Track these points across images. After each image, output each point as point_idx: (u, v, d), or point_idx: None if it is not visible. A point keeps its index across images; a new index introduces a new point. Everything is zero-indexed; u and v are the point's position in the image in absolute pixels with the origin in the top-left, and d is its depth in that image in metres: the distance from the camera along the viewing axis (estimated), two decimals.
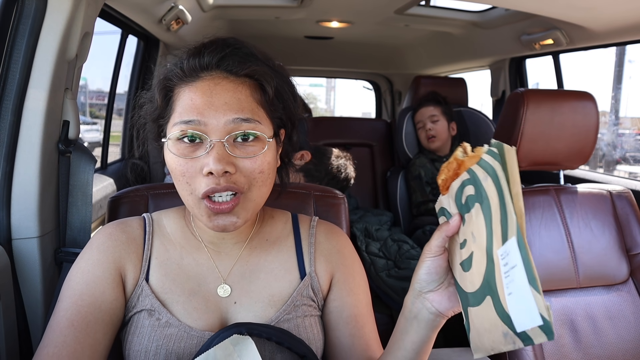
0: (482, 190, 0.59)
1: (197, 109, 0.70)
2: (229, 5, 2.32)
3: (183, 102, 0.71)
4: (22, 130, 1.08)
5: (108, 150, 2.16)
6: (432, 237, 0.67)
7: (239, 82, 0.72)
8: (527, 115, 1.38)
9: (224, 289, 0.80)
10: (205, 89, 0.71)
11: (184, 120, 0.70)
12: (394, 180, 2.73)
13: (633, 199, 1.50)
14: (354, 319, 0.84)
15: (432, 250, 0.67)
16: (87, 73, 13.46)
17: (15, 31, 1.06)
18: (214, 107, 0.69)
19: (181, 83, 0.73)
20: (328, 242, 0.88)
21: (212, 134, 0.69)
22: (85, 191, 1.20)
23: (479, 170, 0.60)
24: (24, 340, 1.10)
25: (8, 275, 1.04)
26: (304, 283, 0.83)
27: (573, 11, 1.74)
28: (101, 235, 0.81)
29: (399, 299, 2.04)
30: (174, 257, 0.81)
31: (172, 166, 0.72)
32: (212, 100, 0.70)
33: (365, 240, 2.22)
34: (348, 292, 0.86)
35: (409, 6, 2.25)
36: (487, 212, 0.58)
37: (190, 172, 0.70)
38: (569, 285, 1.37)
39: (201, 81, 0.72)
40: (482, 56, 2.87)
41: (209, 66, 0.72)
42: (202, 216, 0.72)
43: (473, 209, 0.61)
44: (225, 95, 0.70)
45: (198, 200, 0.71)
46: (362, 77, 4.47)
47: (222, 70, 0.72)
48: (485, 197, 0.59)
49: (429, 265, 0.67)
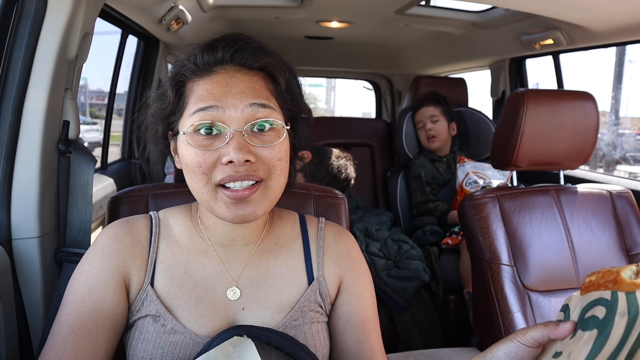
0: (609, 322, 0.51)
1: (213, 96, 0.70)
2: (229, 5, 2.32)
3: (198, 93, 0.72)
4: (22, 130, 1.08)
5: (108, 150, 2.16)
6: (534, 326, 0.59)
7: (253, 74, 0.74)
8: (527, 115, 1.38)
9: (234, 291, 0.79)
10: (220, 81, 0.72)
11: (201, 107, 0.70)
12: (394, 180, 2.74)
13: (633, 199, 1.50)
14: (362, 324, 0.83)
15: (525, 338, 0.58)
16: (87, 73, 13.46)
17: (15, 31, 1.06)
18: (230, 95, 0.70)
19: (194, 77, 0.74)
20: (336, 246, 0.86)
21: (231, 123, 0.70)
22: (85, 191, 1.20)
23: (623, 301, 0.51)
24: (24, 340, 1.10)
25: (8, 275, 1.04)
26: (312, 288, 0.81)
27: (573, 11, 1.74)
28: (106, 237, 0.80)
29: (399, 299, 2.04)
30: (180, 261, 0.80)
31: (188, 158, 0.71)
32: (228, 89, 0.71)
33: (365, 240, 2.22)
34: (357, 297, 0.84)
35: (409, 6, 2.25)
36: (597, 346, 0.51)
37: (207, 162, 0.70)
38: (569, 285, 1.37)
39: (215, 74, 0.73)
40: (482, 56, 2.87)
41: (222, 60, 0.73)
42: (220, 207, 0.71)
43: (588, 332, 0.53)
44: (241, 85, 0.72)
45: (214, 190, 0.71)
46: (362, 77, 4.47)
47: (235, 63, 0.74)
48: (608, 332, 0.50)
49: (514, 349, 0.59)
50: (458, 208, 1.48)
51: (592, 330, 0.52)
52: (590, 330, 0.53)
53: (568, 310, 0.59)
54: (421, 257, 2.15)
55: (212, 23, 2.54)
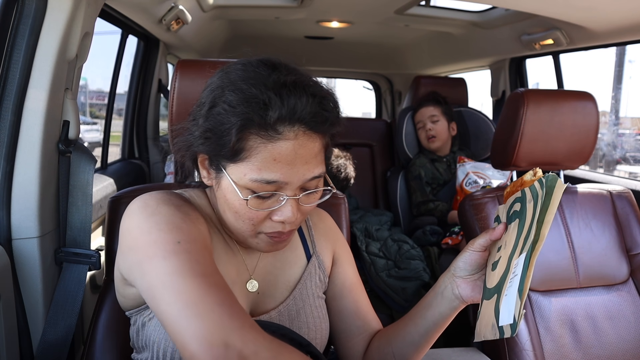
0: (524, 209, 0.71)
1: (280, 170, 0.68)
2: (229, 5, 2.32)
3: (263, 157, 0.67)
4: (22, 130, 1.08)
5: (108, 150, 2.16)
6: (479, 235, 0.77)
7: (317, 136, 0.70)
8: (527, 115, 1.38)
9: (252, 284, 0.83)
10: (290, 151, 0.67)
11: (266, 180, 0.68)
12: (394, 180, 2.73)
13: (633, 199, 1.50)
14: (355, 286, 0.93)
15: (474, 245, 0.77)
16: (87, 73, 13.45)
17: (15, 31, 1.06)
18: (295, 169, 0.69)
19: (261, 132, 0.66)
20: (322, 223, 0.95)
21: (289, 190, 0.70)
22: (85, 191, 1.20)
23: (528, 193, 0.71)
24: (24, 340, 1.10)
25: (8, 275, 1.04)
26: (312, 263, 0.89)
27: (573, 11, 1.74)
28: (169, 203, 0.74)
29: (399, 299, 2.04)
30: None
31: (237, 207, 0.71)
32: (295, 161, 0.68)
33: (365, 240, 2.22)
34: (347, 264, 0.94)
35: (409, 6, 2.25)
36: (520, 228, 0.70)
37: (259, 217, 0.72)
38: (569, 285, 1.37)
39: (284, 141, 0.67)
40: (482, 56, 2.87)
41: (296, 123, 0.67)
42: (259, 244, 0.76)
43: (513, 222, 0.73)
44: (307, 155, 0.69)
45: (256, 234, 0.75)
46: (362, 77, 4.47)
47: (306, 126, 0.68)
48: (524, 215, 0.70)
49: (468, 256, 0.78)
50: (458, 208, 1.48)
51: (515, 221, 0.73)
52: (514, 221, 0.73)
53: (498, 218, 0.79)
54: (421, 257, 2.15)
55: (212, 23, 2.55)
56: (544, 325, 1.30)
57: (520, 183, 0.75)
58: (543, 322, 1.30)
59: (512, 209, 0.75)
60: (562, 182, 0.67)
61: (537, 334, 1.28)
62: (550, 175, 0.68)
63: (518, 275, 0.65)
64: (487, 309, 0.72)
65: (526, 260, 0.65)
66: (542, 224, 0.66)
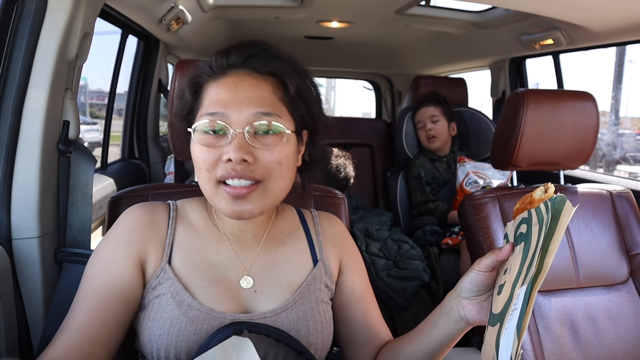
0: (529, 233, 0.67)
1: (222, 102, 0.76)
2: (229, 5, 2.32)
3: (210, 97, 0.78)
4: (22, 130, 1.08)
5: (108, 150, 2.16)
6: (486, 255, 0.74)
7: (262, 79, 0.78)
8: (527, 115, 1.38)
9: (247, 280, 0.84)
10: (230, 84, 0.77)
11: (210, 112, 0.76)
12: (394, 180, 2.74)
13: (633, 199, 1.50)
14: (364, 295, 0.92)
15: (480, 266, 0.74)
16: (87, 73, 13.45)
17: (15, 31, 1.06)
18: (237, 101, 0.75)
19: (209, 79, 0.79)
20: (331, 229, 0.95)
21: (235, 125, 0.75)
22: (85, 191, 1.20)
23: (534, 215, 0.67)
24: (24, 340, 1.10)
25: (8, 275, 1.04)
26: (317, 269, 0.89)
27: (573, 11, 1.74)
28: (127, 216, 0.85)
29: (399, 299, 2.04)
30: (196, 244, 0.85)
31: (196, 155, 0.77)
32: (236, 94, 0.76)
33: (365, 240, 2.22)
34: (356, 272, 0.94)
35: (409, 6, 2.25)
36: (525, 254, 0.66)
37: (211, 159, 0.75)
38: (569, 285, 1.37)
39: (227, 77, 0.77)
40: (482, 56, 2.87)
41: (235, 64, 0.78)
42: (220, 202, 0.77)
43: (519, 245, 0.69)
44: (248, 90, 0.76)
45: (216, 186, 0.76)
46: (362, 77, 4.47)
47: (247, 67, 0.78)
48: (529, 240, 0.66)
49: (474, 276, 0.75)
50: (458, 208, 1.48)
51: (521, 244, 0.68)
52: (520, 244, 0.68)
53: (507, 236, 0.74)
54: (421, 257, 2.15)
55: (212, 23, 2.55)
56: (544, 325, 1.30)
57: (530, 200, 0.70)
58: (543, 322, 1.30)
59: (518, 230, 0.71)
60: (570, 206, 0.62)
61: (537, 333, 1.28)
62: (559, 196, 0.64)
63: (518, 309, 0.61)
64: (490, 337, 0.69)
65: (526, 295, 0.61)
66: (546, 252, 0.61)
